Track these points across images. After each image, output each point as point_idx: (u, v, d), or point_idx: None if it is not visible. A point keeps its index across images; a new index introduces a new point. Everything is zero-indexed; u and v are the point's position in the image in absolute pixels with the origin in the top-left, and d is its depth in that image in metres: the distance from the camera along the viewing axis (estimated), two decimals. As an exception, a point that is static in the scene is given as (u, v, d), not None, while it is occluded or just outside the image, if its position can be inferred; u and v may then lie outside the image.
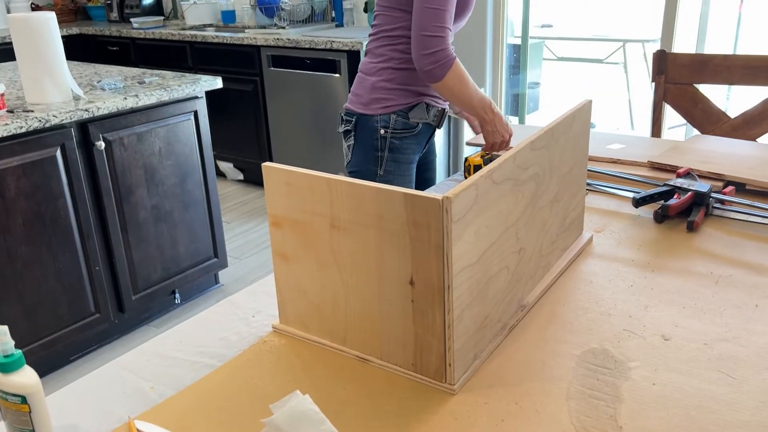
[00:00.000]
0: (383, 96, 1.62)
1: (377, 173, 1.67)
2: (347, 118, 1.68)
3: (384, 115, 1.62)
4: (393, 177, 1.67)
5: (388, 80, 1.61)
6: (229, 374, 0.88)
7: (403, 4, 1.54)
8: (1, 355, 0.69)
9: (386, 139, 1.64)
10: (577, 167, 1.13)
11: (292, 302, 0.95)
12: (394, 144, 1.64)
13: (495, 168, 0.83)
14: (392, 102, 1.62)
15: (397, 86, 1.61)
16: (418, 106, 1.63)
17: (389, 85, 1.61)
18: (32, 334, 2.12)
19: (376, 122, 1.63)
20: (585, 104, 1.13)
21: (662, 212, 1.28)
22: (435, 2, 1.44)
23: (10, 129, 1.90)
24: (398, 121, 1.63)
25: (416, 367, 0.85)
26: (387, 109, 1.62)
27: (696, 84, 1.89)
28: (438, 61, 1.47)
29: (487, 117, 1.58)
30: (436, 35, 1.45)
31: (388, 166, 1.66)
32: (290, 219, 0.89)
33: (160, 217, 2.43)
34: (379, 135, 1.64)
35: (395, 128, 1.63)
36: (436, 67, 1.47)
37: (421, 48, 1.47)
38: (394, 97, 1.61)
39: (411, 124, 1.64)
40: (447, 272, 0.77)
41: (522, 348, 0.91)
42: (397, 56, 1.59)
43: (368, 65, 1.65)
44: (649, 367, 0.86)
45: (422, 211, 0.76)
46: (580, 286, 1.08)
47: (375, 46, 1.64)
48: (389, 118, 1.62)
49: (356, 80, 1.68)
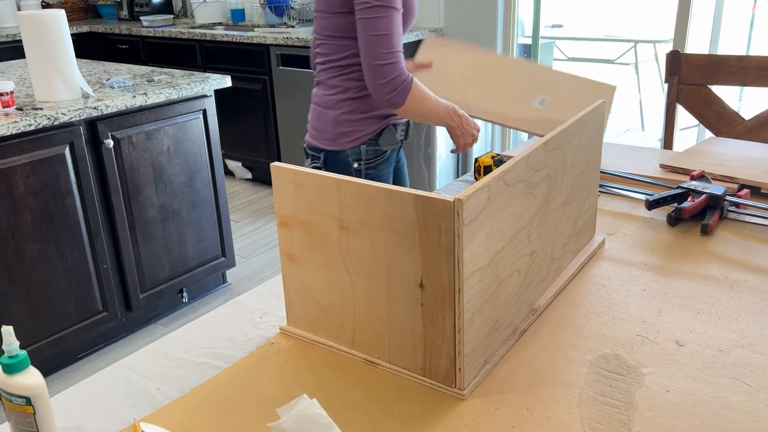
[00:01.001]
0: (349, 129, 1.55)
1: None
2: (313, 154, 1.60)
3: (354, 148, 1.56)
4: None
5: (350, 111, 1.53)
6: (235, 376, 0.87)
7: (347, 32, 1.47)
8: (6, 356, 0.69)
9: (361, 172, 1.58)
10: (589, 169, 1.12)
11: (299, 304, 0.94)
12: (369, 174, 1.59)
13: (507, 169, 0.82)
14: (359, 133, 1.55)
15: (361, 116, 1.54)
16: (386, 131, 1.57)
17: (353, 117, 1.54)
18: (40, 331, 2.12)
19: (347, 156, 1.56)
20: (598, 105, 1.11)
21: (676, 215, 1.26)
22: (380, 28, 1.38)
23: (19, 127, 1.90)
24: (369, 150, 1.57)
25: (425, 371, 0.83)
26: (356, 141, 1.55)
27: (710, 85, 1.87)
28: (396, 89, 1.41)
29: (453, 123, 1.54)
30: (389, 62, 1.39)
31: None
32: (298, 219, 0.88)
33: (168, 215, 2.43)
34: (353, 169, 1.57)
35: (368, 158, 1.58)
36: (395, 95, 1.42)
37: (376, 78, 1.41)
38: (361, 128, 1.55)
39: (382, 151, 1.59)
40: (458, 275, 0.75)
41: (533, 353, 0.90)
42: (353, 85, 1.52)
43: (324, 98, 1.56)
44: (663, 374, 0.85)
45: (433, 213, 0.74)
46: (592, 289, 1.06)
47: (326, 77, 1.55)
48: (359, 150, 1.56)
49: (313, 113, 1.59)
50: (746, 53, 4.25)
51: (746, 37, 4.49)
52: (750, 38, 4.53)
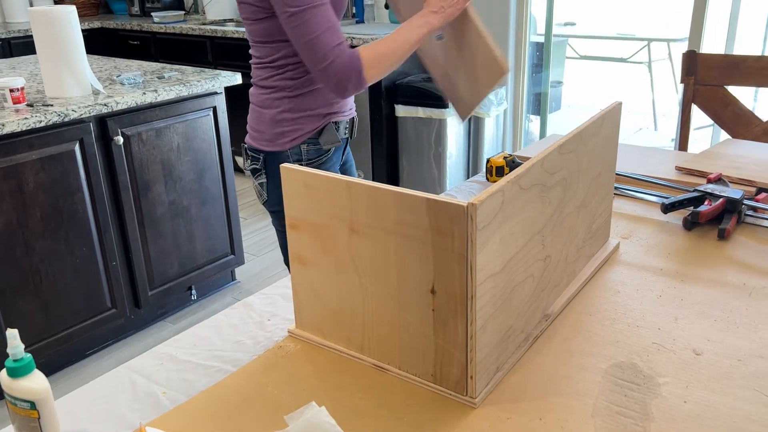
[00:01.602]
0: (288, 128, 1.49)
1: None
2: (253, 155, 1.55)
3: (294, 148, 1.50)
4: None
5: (288, 110, 1.48)
6: (243, 380, 0.86)
7: (275, 35, 1.42)
8: (11, 359, 0.68)
9: None
10: (605, 171, 1.09)
11: (308, 307, 0.92)
12: None
13: (522, 173, 0.80)
14: (299, 132, 1.49)
15: (299, 114, 1.48)
16: (326, 129, 1.51)
17: (291, 115, 1.48)
18: (48, 328, 2.12)
19: (287, 157, 1.50)
20: (615, 106, 1.09)
21: (692, 219, 1.23)
22: (307, 34, 1.33)
23: (30, 123, 1.89)
24: (310, 150, 1.51)
25: (436, 378, 0.82)
26: (295, 141, 1.49)
27: (726, 86, 1.83)
28: (350, 78, 1.35)
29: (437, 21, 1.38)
30: (328, 63, 1.34)
31: None
32: (308, 222, 0.86)
33: (178, 212, 2.42)
34: None
35: (309, 158, 1.51)
36: (354, 84, 1.37)
37: (328, 81, 1.36)
38: (300, 126, 1.49)
39: (325, 150, 1.53)
40: (471, 282, 0.74)
41: (546, 360, 0.88)
42: (289, 84, 1.46)
43: (261, 98, 1.51)
44: (680, 384, 0.82)
45: (446, 217, 0.73)
46: (606, 295, 1.04)
47: (261, 77, 1.50)
48: (300, 150, 1.50)
49: (251, 114, 1.55)
50: (762, 53, 4.19)
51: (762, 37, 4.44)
52: (766, 38, 4.47)
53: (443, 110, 3.13)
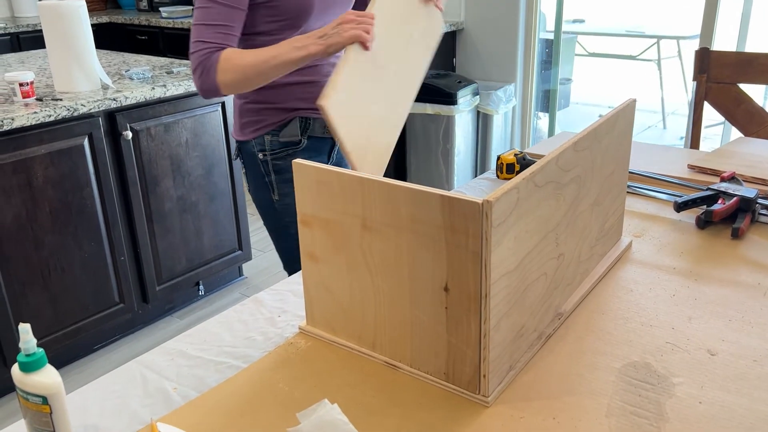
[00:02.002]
0: (252, 118, 1.47)
1: (273, 198, 1.50)
2: (236, 145, 1.55)
3: (258, 138, 1.47)
4: (291, 200, 1.49)
5: (254, 101, 1.45)
6: (254, 377, 0.86)
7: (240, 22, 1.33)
8: (23, 354, 0.67)
9: (267, 162, 1.48)
10: (618, 169, 1.08)
11: (319, 304, 0.92)
12: (278, 165, 1.48)
13: (537, 170, 0.79)
14: (261, 123, 1.46)
15: (263, 106, 1.45)
16: (290, 123, 1.46)
17: (256, 106, 1.46)
18: (57, 322, 2.12)
19: (252, 147, 1.49)
20: (629, 104, 1.08)
21: (705, 218, 1.22)
22: (194, 18, 1.30)
23: (39, 117, 1.89)
24: (273, 141, 1.47)
25: (448, 376, 0.81)
26: (258, 132, 1.47)
27: (739, 84, 1.82)
28: (201, 76, 1.28)
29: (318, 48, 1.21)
30: (191, 52, 1.29)
31: (281, 188, 1.49)
32: (320, 218, 0.86)
33: (186, 208, 2.42)
34: (259, 159, 1.48)
35: (273, 149, 1.47)
36: (203, 81, 1.28)
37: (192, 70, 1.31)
38: (263, 118, 1.46)
39: (292, 142, 1.47)
40: (485, 280, 0.73)
41: (558, 359, 0.87)
42: None
43: None
44: (694, 384, 0.82)
45: (460, 215, 0.72)
46: (619, 294, 1.03)
47: None
48: (263, 140, 1.47)
49: (233, 105, 1.54)
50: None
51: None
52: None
53: (451, 107, 3.12)
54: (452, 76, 3.23)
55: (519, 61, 3.41)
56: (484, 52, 3.47)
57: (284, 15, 1.34)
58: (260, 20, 1.35)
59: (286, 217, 1.51)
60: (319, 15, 1.38)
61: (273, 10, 1.33)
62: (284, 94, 1.45)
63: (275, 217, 1.53)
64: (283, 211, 1.51)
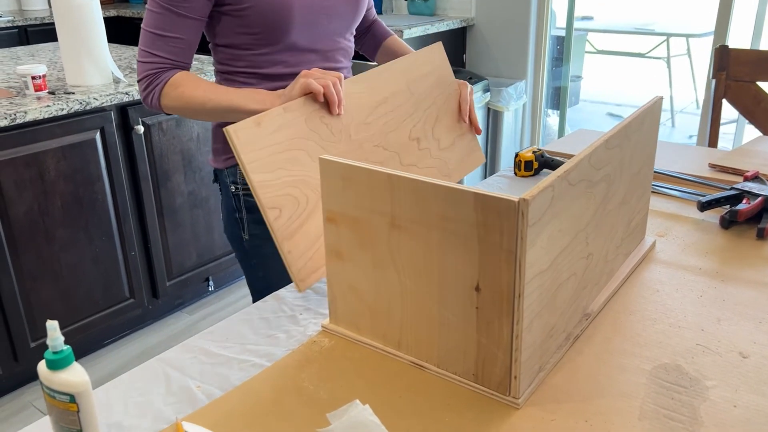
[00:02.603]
0: (224, 145, 1.29)
1: (242, 237, 1.31)
2: (213, 171, 1.39)
3: (230, 168, 1.29)
4: (261, 242, 1.28)
5: (219, 126, 1.28)
6: (278, 376, 0.84)
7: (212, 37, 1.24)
8: (50, 351, 0.66)
9: (239, 197, 1.29)
10: (645, 168, 1.07)
11: (343, 302, 0.91)
12: (249, 202, 1.27)
13: (571, 168, 0.77)
14: (230, 152, 1.27)
15: None
16: None
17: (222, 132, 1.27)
18: (68, 317, 2.12)
19: (226, 177, 1.30)
20: (656, 101, 1.06)
21: (730, 217, 1.21)
22: (143, 23, 1.18)
23: (52, 111, 1.88)
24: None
25: (477, 377, 0.80)
26: (229, 161, 1.28)
27: (759, 82, 1.80)
28: (143, 90, 1.18)
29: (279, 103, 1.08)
30: (138, 62, 1.19)
31: (251, 229, 1.29)
32: (347, 216, 0.84)
33: (197, 203, 2.41)
34: (231, 192, 1.30)
35: (245, 183, 1.27)
36: (144, 96, 1.19)
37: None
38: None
39: None
40: (519, 279, 0.71)
41: (587, 360, 0.86)
42: None
43: None
44: (728, 387, 0.80)
45: (494, 213, 0.71)
46: (645, 294, 1.01)
47: None
48: (236, 172, 1.28)
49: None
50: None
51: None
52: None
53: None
54: (462, 72, 3.21)
55: (530, 58, 3.39)
56: (495, 48, 3.45)
57: (255, 27, 1.17)
58: (229, 31, 1.20)
59: (254, 258, 1.33)
60: (302, 31, 1.20)
61: (241, 20, 1.17)
62: None
63: (243, 254, 1.35)
64: (252, 252, 1.32)
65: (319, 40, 1.24)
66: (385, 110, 1.21)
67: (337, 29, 1.27)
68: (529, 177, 1.52)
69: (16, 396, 2.10)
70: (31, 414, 2.02)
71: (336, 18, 1.25)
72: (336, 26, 1.26)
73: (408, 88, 1.27)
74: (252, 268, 1.35)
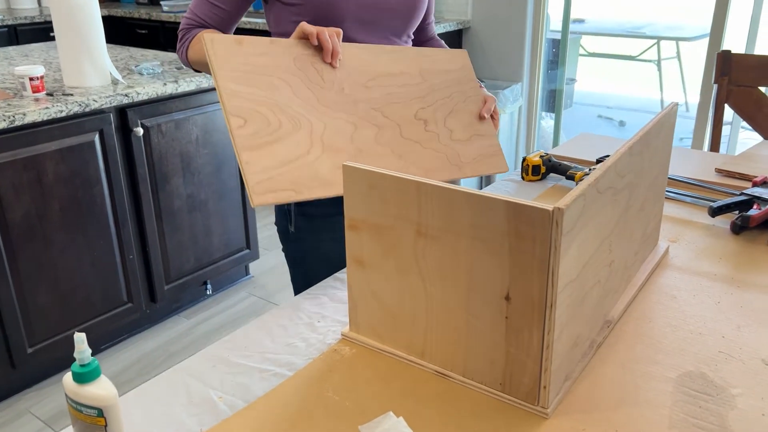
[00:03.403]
0: None
1: (289, 229, 1.36)
2: None
3: None
4: (305, 234, 1.34)
5: None
6: (301, 385, 0.83)
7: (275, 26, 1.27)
8: (78, 364, 0.65)
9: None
10: (660, 174, 1.07)
11: (365, 310, 0.90)
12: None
13: (600, 176, 0.77)
14: None
15: None
16: None
17: None
18: (65, 321, 2.09)
19: None
20: (672, 108, 1.06)
21: (741, 223, 1.21)
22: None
23: (51, 113, 1.86)
24: None
25: (504, 387, 0.79)
26: None
27: (761, 87, 1.81)
28: (178, 44, 1.28)
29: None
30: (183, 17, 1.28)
31: (297, 221, 1.34)
32: (370, 223, 0.83)
33: (195, 206, 2.39)
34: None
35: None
36: (178, 51, 1.29)
37: None
38: None
39: None
40: (551, 289, 0.71)
41: (612, 369, 0.86)
42: None
43: None
44: (754, 395, 0.80)
45: (527, 222, 0.70)
46: (663, 300, 1.01)
47: None
48: None
49: None
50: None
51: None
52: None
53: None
54: (460, 75, 3.21)
55: (526, 61, 3.40)
56: (491, 51, 3.45)
57: (308, 17, 1.19)
58: (284, 20, 1.23)
59: (297, 252, 1.38)
60: (355, 26, 1.22)
61: (295, 9, 1.20)
62: None
63: (288, 247, 1.39)
64: (296, 246, 1.37)
65: (373, 37, 1.25)
66: (390, 83, 1.19)
67: (393, 28, 1.28)
68: (536, 181, 1.52)
69: (13, 403, 2.06)
70: (28, 421, 1.99)
71: (391, 16, 1.26)
72: (392, 24, 1.27)
73: (420, 74, 1.26)
74: (295, 262, 1.39)
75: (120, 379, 2.17)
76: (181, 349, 2.28)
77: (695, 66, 4.38)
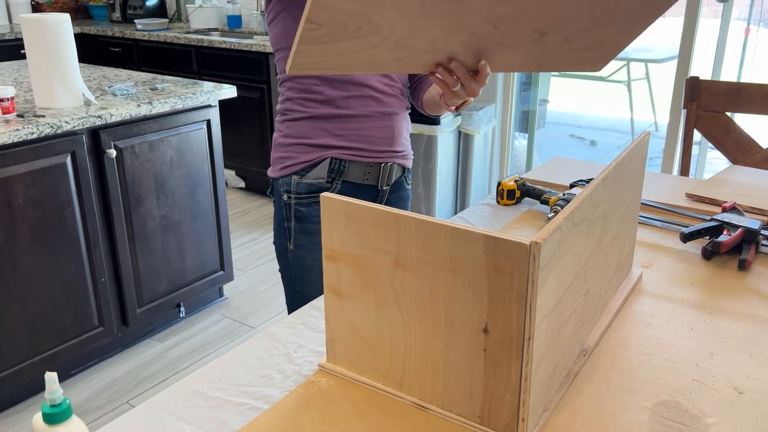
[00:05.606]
0: (281, 155, 1.37)
1: (288, 248, 1.39)
2: (270, 182, 1.46)
3: (285, 177, 1.36)
4: (305, 253, 1.37)
5: (286, 135, 1.36)
6: (278, 419, 0.82)
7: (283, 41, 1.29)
8: (48, 404, 0.63)
9: (291, 206, 1.36)
10: (634, 202, 1.09)
11: (342, 341, 0.89)
12: (300, 212, 1.36)
13: (575, 208, 0.78)
14: (290, 161, 1.35)
15: (294, 141, 1.34)
16: (320, 164, 1.33)
17: (287, 141, 1.36)
18: (33, 348, 2.04)
19: (280, 186, 1.37)
20: (644, 137, 1.08)
21: (712, 249, 1.23)
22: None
23: (21, 135, 1.83)
24: (300, 183, 1.35)
25: (483, 419, 0.79)
26: (285, 170, 1.36)
27: (728, 112, 1.86)
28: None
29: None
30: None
31: (297, 239, 1.36)
32: (348, 254, 0.83)
33: (169, 227, 2.36)
34: (284, 201, 1.37)
35: (298, 192, 1.35)
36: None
37: None
38: (293, 155, 1.35)
39: (317, 186, 1.34)
40: (529, 322, 0.71)
41: (588, 398, 0.86)
42: (289, 106, 1.35)
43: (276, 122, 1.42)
44: (728, 424, 0.81)
45: (506, 255, 0.70)
46: (638, 328, 1.03)
47: (279, 101, 1.40)
48: (290, 181, 1.35)
49: None
50: (738, 78, 4.29)
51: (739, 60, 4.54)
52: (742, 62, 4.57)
53: (434, 126, 3.13)
54: (435, 96, 3.24)
55: (499, 83, 3.44)
56: (466, 72, 3.49)
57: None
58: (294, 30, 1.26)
59: (295, 270, 1.39)
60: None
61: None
62: (315, 129, 1.32)
63: (286, 265, 1.41)
64: (295, 264, 1.39)
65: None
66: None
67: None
68: (511, 205, 1.53)
69: (-23, 431, 2.00)
70: (-7, 450, 1.93)
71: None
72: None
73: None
74: (292, 281, 1.41)
75: (90, 405, 2.12)
76: (153, 373, 2.24)
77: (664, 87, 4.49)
